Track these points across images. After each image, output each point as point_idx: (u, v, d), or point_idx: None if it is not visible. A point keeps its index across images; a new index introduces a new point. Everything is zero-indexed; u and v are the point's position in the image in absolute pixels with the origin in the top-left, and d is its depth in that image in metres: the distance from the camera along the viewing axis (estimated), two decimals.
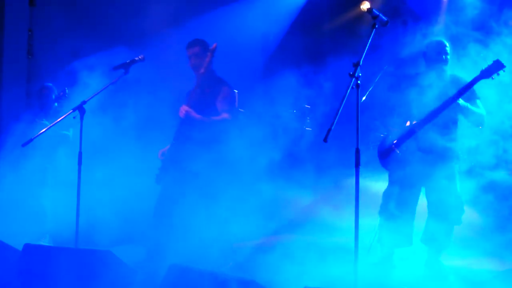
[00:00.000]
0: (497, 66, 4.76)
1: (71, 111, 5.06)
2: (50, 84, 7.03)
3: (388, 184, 5.20)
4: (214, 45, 5.41)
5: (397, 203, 4.99)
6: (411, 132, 4.97)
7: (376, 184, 6.91)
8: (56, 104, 6.74)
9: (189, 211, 5.48)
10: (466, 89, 4.80)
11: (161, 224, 5.42)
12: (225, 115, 5.45)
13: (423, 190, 5.10)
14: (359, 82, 3.88)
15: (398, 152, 5.03)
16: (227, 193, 7.25)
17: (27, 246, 4.48)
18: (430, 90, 5.04)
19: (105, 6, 8.34)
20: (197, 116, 5.37)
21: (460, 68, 5.21)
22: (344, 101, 3.81)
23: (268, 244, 6.96)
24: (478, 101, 5.01)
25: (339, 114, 3.75)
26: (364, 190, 5.69)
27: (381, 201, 5.17)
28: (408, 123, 5.12)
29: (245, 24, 9.04)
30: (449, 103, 4.79)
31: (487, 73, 4.77)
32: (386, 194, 5.14)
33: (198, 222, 5.72)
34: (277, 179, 7.76)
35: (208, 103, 5.43)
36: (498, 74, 4.77)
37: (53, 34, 8.20)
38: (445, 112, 4.83)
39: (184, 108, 5.36)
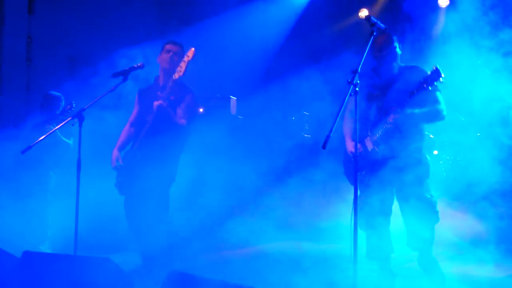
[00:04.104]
0: (435, 75, 4.59)
1: (70, 118, 5.06)
2: (58, 94, 6.97)
3: (359, 195, 5.05)
4: (191, 50, 5.13)
5: (373, 214, 4.94)
6: (371, 152, 4.92)
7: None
8: (61, 117, 6.63)
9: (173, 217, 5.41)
10: (407, 100, 4.68)
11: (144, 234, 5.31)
12: (183, 121, 5.27)
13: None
14: (357, 89, 3.88)
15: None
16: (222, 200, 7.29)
17: (26, 253, 4.48)
18: (382, 92, 4.97)
19: (102, 13, 8.38)
20: (170, 110, 5.15)
21: (458, 78, 5.15)
22: (343, 108, 3.82)
23: (266, 251, 6.95)
24: (437, 94, 4.86)
25: (337, 121, 3.75)
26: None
27: (358, 214, 5.05)
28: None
29: (245, 31, 9.07)
30: (395, 113, 4.71)
31: (424, 83, 4.62)
32: (361, 207, 4.99)
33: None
34: (274, 186, 7.78)
35: (172, 108, 5.21)
36: (434, 85, 4.61)
37: (51, 41, 8.23)
38: (397, 120, 4.78)
39: (162, 102, 5.08)
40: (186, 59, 5.12)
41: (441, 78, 4.61)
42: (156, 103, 5.09)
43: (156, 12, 9.05)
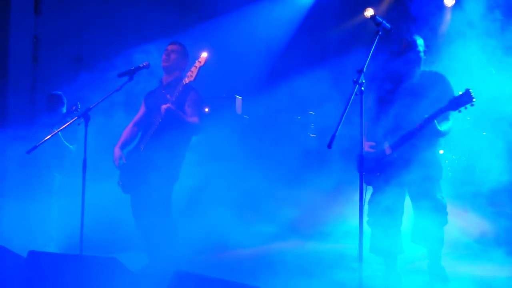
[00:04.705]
0: (466, 98, 4.49)
1: (76, 117, 5.07)
2: (59, 92, 7.02)
3: (372, 193, 5.13)
4: (204, 56, 5.12)
5: (382, 211, 4.96)
6: (388, 155, 4.93)
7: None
8: (68, 119, 6.64)
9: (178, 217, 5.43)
10: (433, 118, 4.62)
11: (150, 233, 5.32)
12: (195, 119, 5.25)
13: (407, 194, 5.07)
14: (362, 88, 3.88)
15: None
16: (227, 199, 7.28)
17: (32, 253, 4.48)
18: (402, 96, 4.96)
19: (108, 13, 8.39)
20: (179, 112, 5.13)
21: (463, 78, 5.13)
22: (348, 107, 3.81)
23: (272, 251, 6.95)
24: (451, 114, 4.83)
25: (343, 120, 3.75)
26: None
27: (368, 211, 5.10)
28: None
29: (250, 30, 9.06)
30: (418, 131, 4.69)
31: (455, 104, 4.53)
32: (371, 204, 5.07)
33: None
34: (280, 185, 7.77)
35: (178, 107, 5.18)
36: (465, 108, 4.52)
37: (57, 41, 8.24)
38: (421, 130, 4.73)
39: (170, 106, 5.04)
40: (197, 64, 5.10)
41: (472, 103, 4.50)
42: (164, 107, 5.06)
43: (161, 12, 9.05)
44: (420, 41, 4.99)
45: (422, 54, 4.98)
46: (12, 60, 8.17)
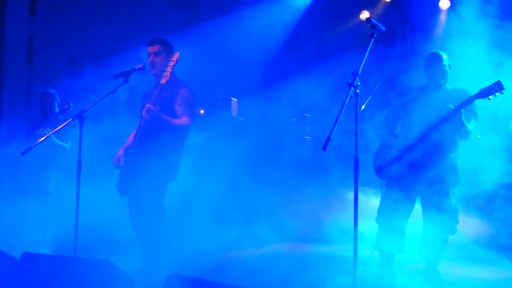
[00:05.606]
0: (496, 87, 4.71)
1: (71, 119, 5.05)
2: (52, 91, 7.00)
3: (385, 191, 5.21)
4: (176, 54, 5.07)
5: (392, 210, 5.00)
6: (410, 149, 4.97)
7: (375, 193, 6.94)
8: (61, 117, 6.62)
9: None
10: (462, 106, 4.76)
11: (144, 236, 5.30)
12: (185, 119, 5.16)
13: (418, 198, 5.10)
14: (358, 91, 3.88)
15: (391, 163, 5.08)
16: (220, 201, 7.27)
17: (26, 255, 4.47)
18: (428, 103, 5.05)
19: (103, 14, 8.38)
20: (162, 115, 5.02)
21: (459, 81, 5.19)
22: (343, 110, 3.81)
23: (267, 253, 6.94)
24: (473, 121, 4.98)
25: (338, 122, 3.75)
26: (363, 199, 5.74)
27: (378, 208, 5.19)
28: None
29: (246, 32, 9.07)
30: (448, 118, 4.78)
31: (485, 93, 4.73)
32: (383, 201, 5.16)
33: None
34: (275, 187, 7.76)
35: (167, 106, 5.13)
36: (495, 96, 4.73)
37: (52, 42, 8.23)
38: (442, 127, 4.84)
39: (149, 106, 4.95)
40: (171, 63, 5.03)
41: (502, 91, 4.72)
42: (144, 110, 5.01)
43: (158, 14, 9.04)
44: (445, 57, 5.16)
45: (447, 68, 5.14)
46: (7, 62, 8.17)
